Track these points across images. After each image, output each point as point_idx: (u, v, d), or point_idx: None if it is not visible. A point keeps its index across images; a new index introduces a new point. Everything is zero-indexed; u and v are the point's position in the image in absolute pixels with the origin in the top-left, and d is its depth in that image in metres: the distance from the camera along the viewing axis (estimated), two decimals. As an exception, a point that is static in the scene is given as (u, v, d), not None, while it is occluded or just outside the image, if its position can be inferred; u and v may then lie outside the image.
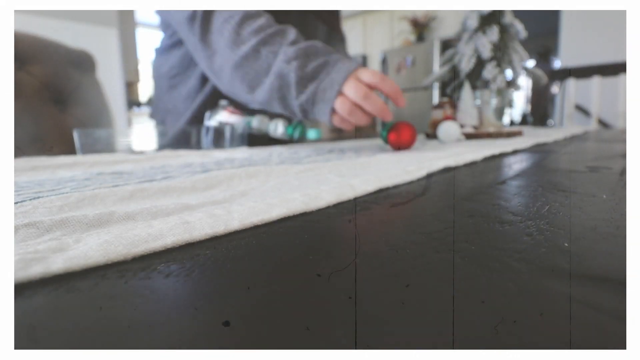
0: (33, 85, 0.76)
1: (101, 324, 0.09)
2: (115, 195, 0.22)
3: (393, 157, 0.44)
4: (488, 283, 0.11)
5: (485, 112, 0.85)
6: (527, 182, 0.28)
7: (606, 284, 0.11)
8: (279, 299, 0.10)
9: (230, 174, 0.29)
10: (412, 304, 0.10)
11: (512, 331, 0.09)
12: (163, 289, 0.11)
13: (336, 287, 0.11)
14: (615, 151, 0.52)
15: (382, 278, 0.12)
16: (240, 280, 0.12)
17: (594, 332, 0.08)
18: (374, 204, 0.22)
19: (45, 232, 0.15)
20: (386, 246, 0.14)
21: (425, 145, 0.63)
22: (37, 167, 0.35)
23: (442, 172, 0.34)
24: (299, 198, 0.21)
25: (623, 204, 0.21)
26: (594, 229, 0.16)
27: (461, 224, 0.17)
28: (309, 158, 0.43)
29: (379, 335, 0.08)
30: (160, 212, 0.18)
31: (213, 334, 0.09)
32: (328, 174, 0.30)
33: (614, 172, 0.33)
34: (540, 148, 0.59)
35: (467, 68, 0.88)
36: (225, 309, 0.10)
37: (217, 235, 0.16)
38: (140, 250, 0.14)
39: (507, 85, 0.89)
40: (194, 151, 0.53)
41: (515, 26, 0.86)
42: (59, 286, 0.11)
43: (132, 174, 0.32)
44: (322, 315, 0.09)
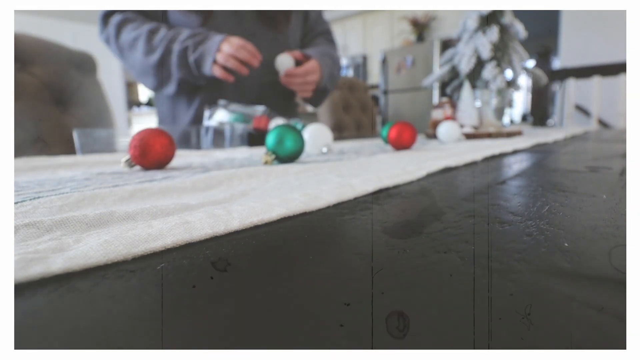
0: (35, 86, 0.76)
1: (101, 324, 0.09)
2: (115, 195, 0.22)
3: (393, 157, 0.44)
4: (488, 283, 0.11)
5: (485, 112, 0.85)
6: (527, 182, 0.28)
7: (606, 284, 0.11)
8: (279, 298, 0.10)
9: (230, 174, 0.29)
10: (412, 304, 0.10)
11: (512, 331, 0.09)
12: (163, 289, 0.11)
13: (336, 287, 0.11)
14: (615, 151, 0.52)
15: (382, 278, 0.12)
16: (240, 280, 0.12)
17: (594, 332, 0.08)
18: (374, 204, 0.22)
19: (45, 232, 0.15)
20: (386, 246, 0.14)
21: (425, 145, 0.63)
22: (37, 167, 0.35)
23: (442, 172, 0.34)
24: (299, 198, 0.21)
25: (623, 204, 0.21)
26: (594, 229, 0.16)
27: (461, 224, 0.17)
28: (308, 158, 0.43)
29: (379, 335, 0.08)
30: (160, 212, 0.18)
31: (213, 334, 0.09)
32: (328, 174, 0.30)
33: (614, 172, 0.33)
34: (540, 148, 0.59)
35: (467, 68, 0.88)
36: (226, 309, 0.10)
37: (217, 235, 0.16)
38: (140, 250, 0.14)
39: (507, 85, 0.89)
40: (194, 151, 0.53)
41: (515, 26, 0.86)
42: (59, 286, 0.11)
43: (132, 174, 0.32)
44: (322, 315, 0.09)
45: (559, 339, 0.08)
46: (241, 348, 0.08)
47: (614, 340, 0.08)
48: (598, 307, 0.10)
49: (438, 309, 0.10)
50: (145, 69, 0.76)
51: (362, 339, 0.08)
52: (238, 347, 0.08)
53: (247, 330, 0.09)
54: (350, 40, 4.51)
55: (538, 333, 0.08)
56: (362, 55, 4.37)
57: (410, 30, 3.89)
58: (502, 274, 0.12)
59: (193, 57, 0.72)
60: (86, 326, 0.09)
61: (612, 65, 2.09)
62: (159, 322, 0.09)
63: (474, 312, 0.09)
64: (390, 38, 4.19)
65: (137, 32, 0.75)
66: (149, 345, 0.08)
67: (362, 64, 4.37)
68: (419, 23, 3.79)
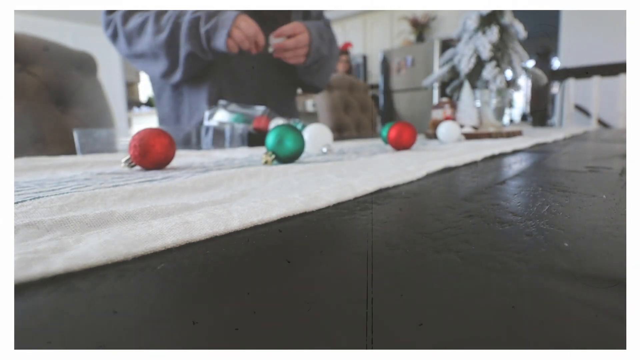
0: (35, 86, 0.76)
1: (101, 324, 0.09)
2: (115, 195, 0.22)
3: (393, 157, 0.44)
4: (488, 283, 0.11)
5: (485, 112, 0.85)
6: (527, 182, 0.28)
7: (606, 284, 0.11)
8: (279, 298, 0.10)
9: (230, 174, 0.29)
10: (412, 304, 0.10)
11: (512, 331, 0.09)
12: (163, 289, 0.11)
13: (336, 287, 0.11)
14: (615, 151, 0.52)
15: (382, 278, 0.12)
16: (240, 280, 0.12)
17: (594, 332, 0.08)
18: (374, 204, 0.22)
19: (45, 232, 0.15)
20: (386, 246, 0.14)
21: (425, 145, 0.63)
22: (37, 167, 0.35)
23: (442, 172, 0.34)
24: (299, 198, 0.21)
25: (623, 204, 0.21)
26: (594, 229, 0.16)
27: (461, 224, 0.17)
28: (308, 158, 0.43)
29: (379, 335, 0.08)
30: (160, 212, 0.18)
31: (213, 334, 0.09)
32: (328, 174, 0.30)
33: (614, 172, 0.33)
34: (540, 148, 0.59)
35: (467, 68, 0.88)
36: (226, 309, 0.10)
37: (217, 235, 0.16)
38: (140, 250, 0.14)
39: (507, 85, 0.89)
40: (194, 151, 0.53)
41: (515, 26, 0.86)
42: (59, 286, 0.11)
43: (132, 174, 0.32)
44: (321, 315, 0.09)
45: (558, 339, 0.08)
46: (241, 348, 0.08)
47: (614, 340, 0.08)
48: (598, 307, 0.10)
49: (438, 309, 0.10)
50: (155, 50, 0.75)
51: (362, 339, 0.08)
52: (238, 347, 0.08)
53: (247, 330, 0.09)
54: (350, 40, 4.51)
55: (538, 333, 0.08)
56: (362, 55, 4.37)
57: (410, 30, 3.89)
58: (501, 274, 0.12)
59: (204, 29, 0.71)
60: (86, 326, 0.09)
61: (612, 65, 2.09)
62: (159, 322, 0.09)
63: (474, 312, 0.09)
64: (390, 38, 4.19)
65: (144, 16, 0.75)
66: (149, 345, 0.08)
67: (362, 64, 4.37)
68: (419, 23, 3.79)
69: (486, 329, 0.09)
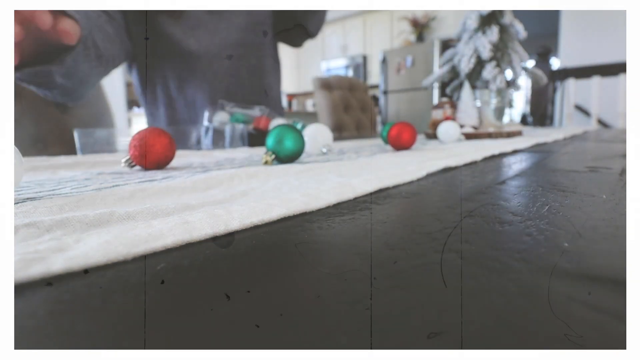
0: (34, 86, 0.75)
1: (101, 324, 0.09)
2: (115, 195, 0.22)
3: (393, 157, 0.44)
4: (488, 283, 0.11)
5: (485, 112, 0.85)
6: (527, 182, 0.28)
7: (606, 284, 0.11)
8: (278, 298, 0.10)
9: (230, 174, 0.29)
10: (413, 304, 0.10)
11: (512, 331, 0.09)
12: (163, 289, 0.11)
13: (336, 288, 0.11)
14: (615, 151, 0.52)
15: (382, 278, 0.12)
16: (240, 280, 0.12)
17: (594, 332, 0.08)
18: (374, 204, 0.22)
19: (45, 232, 0.15)
20: (386, 246, 0.14)
21: (425, 145, 0.63)
22: (37, 167, 0.35)
23: (442, 172, 0.34)
24: (299, 198, 0.21)
25: (623, 204, 0.21)
26: (594, 229, 0.16)
27: (461, 224, 0.17)
28: (308, 158, 0.43)
29: (379, 335, 0.08)
30: (160, 212, 0.18)
31: (213, 334, 0.09)
32: (328, 174, 0.30)
33: (614, 172, 0.33)
34: (540, 148, 0.59)
35: (467, 68, 0.88)
36: (225, 309, 0.10)
37: (217, 235, 0.16)
38: (140, 250, 0.14)
39: (507, 85, 0.89)
40: (194, 151, 0.53)
41: (515, 26, 0.86)
42: (59, 286, 0.11)
43: (132, 174, 0.32)
44: (321, 315, 0.09)
45: (559, 339, 0.08)
46: (241, 348, 0.08)
47: (614, 340, 0.08)
48: (598, 307, 0.10)
49: (438, 309, 0.10)
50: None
51: (362, 339, 0.08)
52: (238, 347, 0.08)
53: (247, 330, 0.09)
54: (350, 40, 4.51)
55: (538, 333, 0.08)
56: (362, 55, 4.37)
57: (410, 30, 3.89)
58: (501, 274, 0.12)
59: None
60: (86, 326, 0.09)
61: (612, 65, 2.10)
62: (159, 322, 0.09)
63: (474, 312, 0.09)
64: (390, 38, 4.19)
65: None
66: (148, 345, 0.08)
67: (362, 64, 4.37)
68: (418, 23, 3.79)
69: (486, 329, 0.09)
